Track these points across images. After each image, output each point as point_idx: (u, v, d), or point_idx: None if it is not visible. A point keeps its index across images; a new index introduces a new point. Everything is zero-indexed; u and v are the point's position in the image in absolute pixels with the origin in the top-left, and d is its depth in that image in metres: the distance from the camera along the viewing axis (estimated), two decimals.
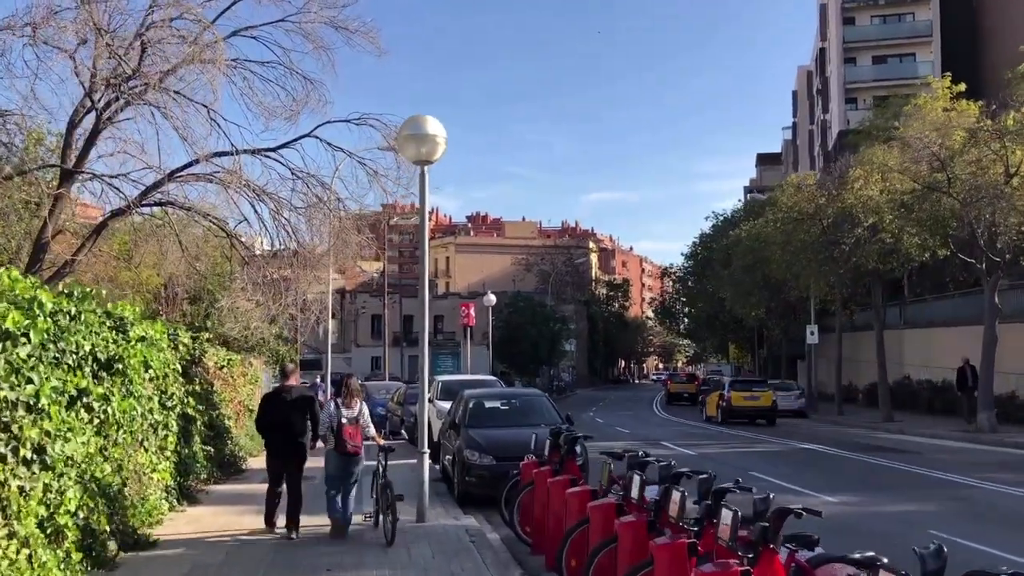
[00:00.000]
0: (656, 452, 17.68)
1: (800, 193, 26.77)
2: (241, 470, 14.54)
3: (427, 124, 9.40)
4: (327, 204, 17.73)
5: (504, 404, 12.97)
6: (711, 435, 24.36)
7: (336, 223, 18.09)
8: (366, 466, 9.28)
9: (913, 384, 33.18)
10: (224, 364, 15.25)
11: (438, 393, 17.77)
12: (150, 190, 16.63)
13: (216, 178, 16.75)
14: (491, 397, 13.34)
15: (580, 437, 8.64)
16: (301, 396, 9.20)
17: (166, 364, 10.14)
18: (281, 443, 9.03)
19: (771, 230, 28.50)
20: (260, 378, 20.22)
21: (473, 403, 12.73)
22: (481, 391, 13.93)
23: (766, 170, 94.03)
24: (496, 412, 12.73)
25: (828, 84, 65.83)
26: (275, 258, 19.96)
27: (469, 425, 12.11)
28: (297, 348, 30.80)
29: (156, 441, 9.92)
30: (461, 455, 11.47)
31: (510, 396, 13.57)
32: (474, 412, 12.48)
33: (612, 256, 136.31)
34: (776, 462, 16.64)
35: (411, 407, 20.76)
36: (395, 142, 9.71)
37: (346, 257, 22.36)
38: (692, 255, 52.94)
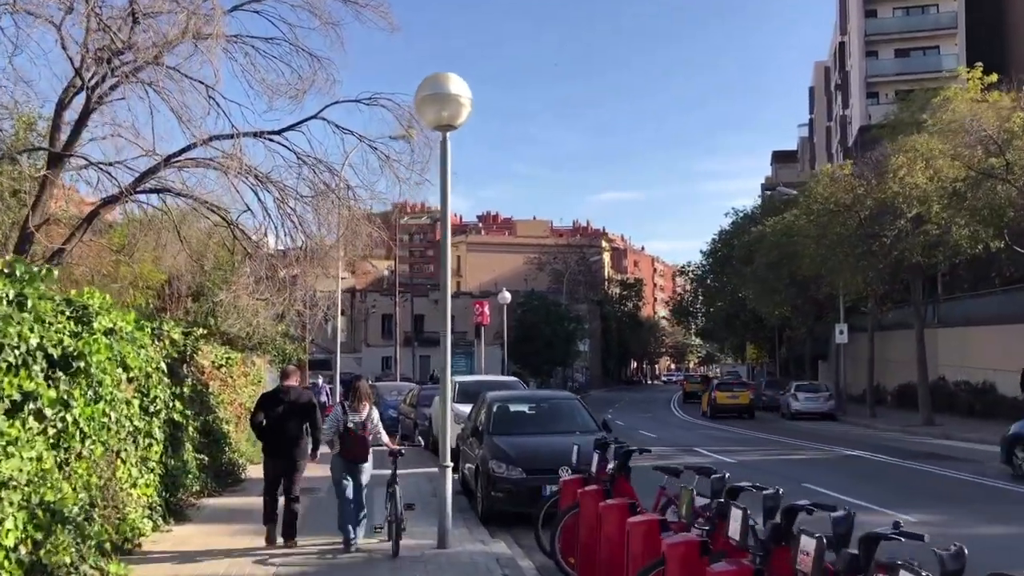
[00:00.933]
0: (692, 460, 16.30)
1: (836, 184, 25.21)
2: (240, 480, 13.21)
3: (449, 83, 8.03)
4: (336, 192, 16.43)
5: (532, 408, 11.57)
6: (744, 440, 22.90)
7: (346, 212, 16.76)
8: (377, 475, 8.68)
9: (950, 386, 31.58)
10: (222, 363, 13.93)
11: (455, 395, 16.35)
12: (145, 176, 15.40)
13: (216, 163, 15.51)
14: (517, 400, 11.94)
15: (634, 451, 7.26)
16: (300, 399, 8.69)
17: (149, 362, 8.80)
18: (275, 444, 8.60)
19: (804, 223, 26.92)
20: (264, 378, 18.91)
21: (497, 407, 11.34)
22: (505, 394, 12.54)
23: (782, 168, 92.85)
24: (523, 417, 11.34)
25: (848, 79, 64.40)
26: (284, 257, 18.80)
27: (494, 432, 10.73)
28: (305, 347, 29.49)
29: (137, 452, 8.59)
30: (485, 466, 10.10)
31: (538, 399, 12.16)
32: (499, 417, 11.09)
33: (624, 255, 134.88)
34: (826, 471, 15.20)
35: (424, 409, 19.42)
36: (413, 107, 8.31)
37: (356, 249, 21.08)
38: (711, 252, 51.40)
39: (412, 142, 16.14)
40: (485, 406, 11.47)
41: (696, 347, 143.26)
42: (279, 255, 18.30)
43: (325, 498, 11.55)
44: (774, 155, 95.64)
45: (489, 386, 16.43)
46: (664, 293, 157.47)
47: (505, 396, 12.00)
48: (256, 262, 16.93)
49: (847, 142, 63.24)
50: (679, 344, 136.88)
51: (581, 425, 11.02)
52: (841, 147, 65.66)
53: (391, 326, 63.23)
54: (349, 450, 8.19)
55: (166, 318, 21.29)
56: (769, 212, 43.42)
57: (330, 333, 25.54)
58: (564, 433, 10.78)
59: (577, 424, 11.05)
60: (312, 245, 16.89)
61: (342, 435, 8.20)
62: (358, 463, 8.26)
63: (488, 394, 11.93)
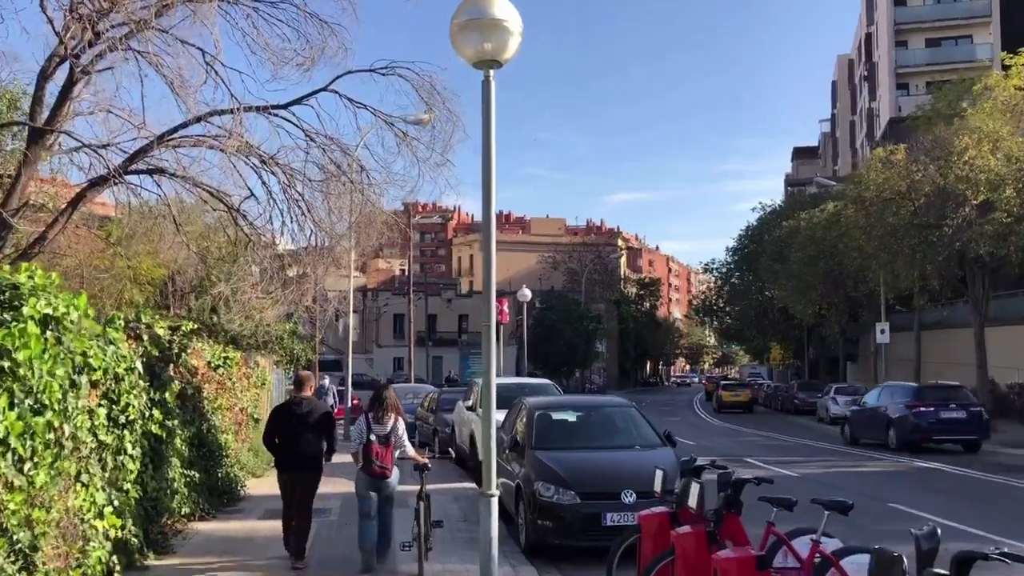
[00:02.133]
0: (748, 473, 14.52)
1: (890, 169, 23.27)
2: (238, 498, 11.51)
3: (493, 5, 6.29)
4: (347, 174, 14.73)
5: (581, 417, 9.78)
6: (793, 448, 20.99)
7: (359, 197, 15.05)
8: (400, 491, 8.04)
9: (1001, 388, 29.58)
10: (219, 363, 12.24)
11: (480, 400, 14.63)
12: (137, 156, 13.76)
13: (216, 142, 13.85)
14: (562, 408, 10.16)
15: (748, 481, 5.52)
16: (316, 411, 8.06)
17: (120, 362, 7.09)
18: (289, 464, 8.00)
19: (852, 213, 24.93)
20: (268, 380, 17.21)
21: (539, 415, 9.56)
22: (547, 400, 10.75)
23: (803, 164, 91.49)
24: (571, 428, 9.57)
25: (875, 70, 62.68)
26: (293, 255, 17.30)
27: (537, 446, 8.97)
28: (315, 347, 27.83)
29: (104, 473, 6.89)
30: (529, 488, 8.33)
31: (587, 407, 10.31)
32: (542, 428, 9.32)
33: (639, 255, 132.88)
34: (906, 487, 13.35)
35: (445, 415, 17.69)
36: (450, 37, 6.52)
37: (370, 239, 19.41)
38: (738, 249, 49.47)
39: (433, 117, 14.44)
40: (524, 415, 9.71)
41: (711, 348, 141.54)
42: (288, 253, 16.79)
43: (337, 520, 9.92)
44: (795, 151, 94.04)
45: (519, 390, 14.69)
46: (679, 293, 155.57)
47: (547, 403, 10.22)
48: (259, 251, 15.29)
49: (874, 135, 61.54)
50: (694, 345, 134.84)
51: (641, 438, 9.25)
52: (868, 140, 63.95)
53: (403, 326, 61.65)
54: (373, 466, 7.59)
55: (168, 315, 19.73)
56: (795, 208, 41.66)
57: (341, 332, 23.87)
58: (622, 448, 9.04)
59: (636, 437, 9.29)
60: (321, 234, 15.21)
61: (366, 448, 7.62)
62: (382, 479, 7.66)
63: (526, 400, 10.16)
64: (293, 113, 14.32)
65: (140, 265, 22.61)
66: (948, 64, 54.80)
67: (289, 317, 25.47)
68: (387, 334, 63.34)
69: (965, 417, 18.79)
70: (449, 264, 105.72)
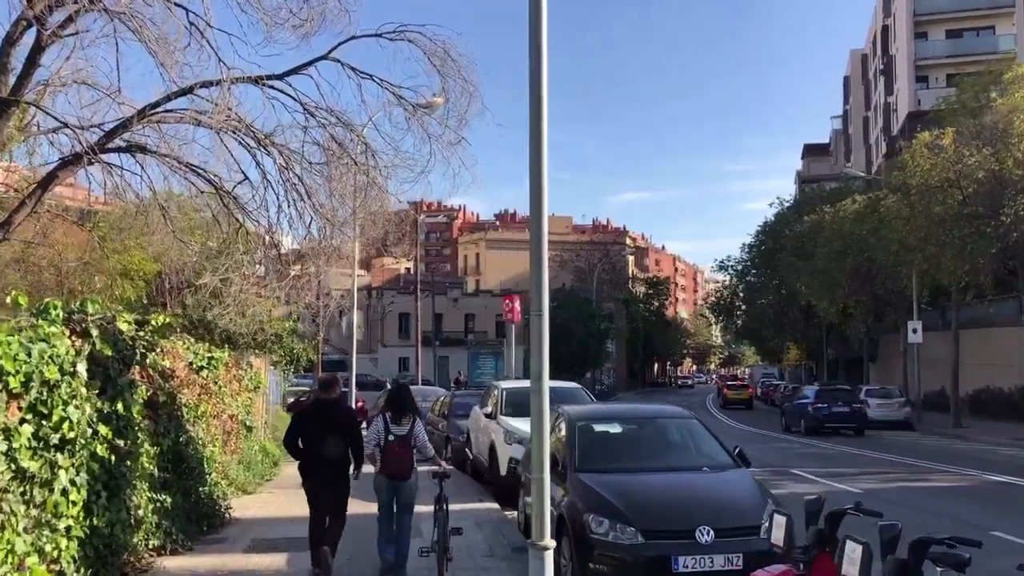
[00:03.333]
0: (801, 488, 12.85)
1: (938, 155, 21.48)
2: (223, 522, 9.85)
3: None
4: (351, 153, 13.08)
5: (631, 430, 8.08)
6: (839, 458, 19.15)
7: (363, 179, 13.39)
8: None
9: None
10: (203, 364, 10.60)
11: (501, 406, 12.92)
12: (115, 132, 12.17)
13: (204, 117, 12.23)
14: (605, 418, 8.45)
15: (847, 511, 3.94)
16: (343, 414, 7.75)
17: (51, 365, 5.42)
18: (313, 470, 7.54)
19: (893, 202, 23.15)
20: (263, 383, 15.54)
21: (581, 428, 7.86)
22: (587, 409, 9.02)
23: (814, 161, 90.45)
24: (621, 444, 7.87)
25: (892, 64, 61.21)
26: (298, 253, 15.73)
27: (583, 468, 7.28)
28: (317, 346, 26.18)
29: (26, 512, 5.23)
30: (577, 522, 6.64)
31: (638, 417, 8.51)
32: (587, 445, 7.61)
33: (645, 254, 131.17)
34: (997, 508, 11.63)
35: (459, 421, 15.99)
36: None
37: (376, 227, 17.75)
38: (755, 246, 47.76)
39: (447, 89, 12.77)
40: (563, 427, 8.01)
41: (718, 348, 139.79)
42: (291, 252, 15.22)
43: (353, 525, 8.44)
44: (805, 148, 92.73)
45: None
46: (685, 293, 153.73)
47: (590, 413, 8.50)
48: (253, 240, 13.69)
49: (891, 130, 60.11)
50: (701, 345, 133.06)
51: (707, 457, 7.56)
52: (884, 135, 62.54)
53: (408, 325, 59.99)
54: (391, 466, 7.32)
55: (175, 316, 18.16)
56: (814, 203, 40.07)
57: (345, 330, 22.18)
58: (686, 470, 7.35)
59: (702, 455, 7.59)
60: (322, 221, 13.57)
61: (383, 450, 7.35)
62: (401, 480, 7.38)
63: (564, 409, 8.45)
64: (289, 84, 12.68)
65: (131, 259, 21.07)
66: (970, 56, 53.55)
67: (290, 317, 23.93)
68: (392, 334, 61.73)
69: (849, 411, 26.51)
70: (455, 264, 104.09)
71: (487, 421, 12.94)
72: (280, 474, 14.34)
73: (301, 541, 8.79)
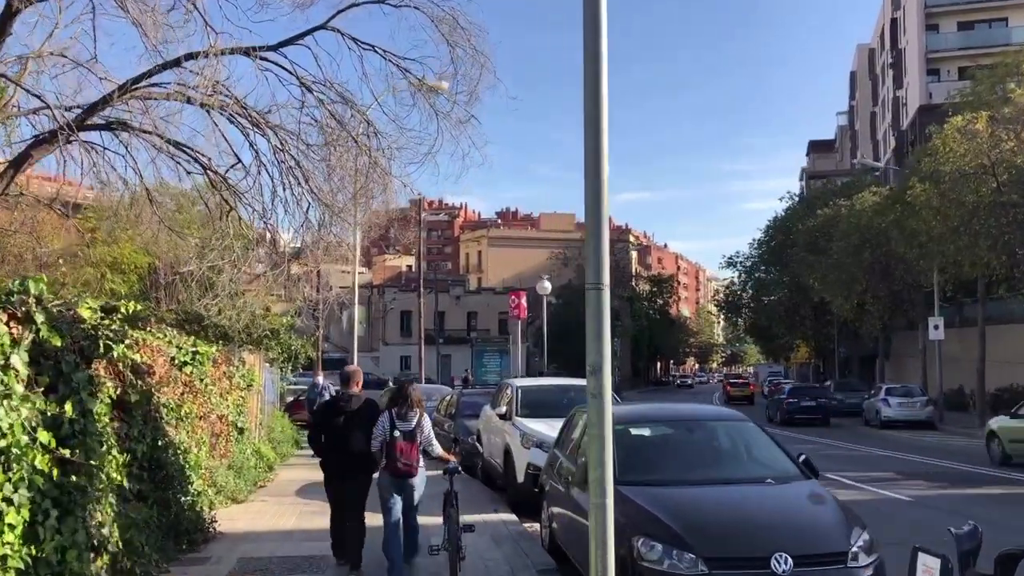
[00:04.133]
0: (845, 496, 11.75)
1: (971, 140, 20.32)
2: (208, 536, 8.74)
3: None
4: (351, 132, 12.01)
5: (677, 435, 6.95)
6: (871, 461, 17.97)
7: (365, 159, 12.30)
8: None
9: None
10: (187, 360, 9.49)
11: (516, 407, 11.78)
12: (95, 108, 11.16)
13: (192, 91, 11.20)
14: (644, 420, 7.33)
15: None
16: (365, 408, 7.50)
17: None
18: (338, 466, 7.45)
19: (922, 191, 22.00)
20: (257, 381, 14.41)
21: (618, 430, 6.70)
22: (623, 409, 7.87)
23: (819, 158, 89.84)
24: (667, 452, 6.73)
25: (902, 57, 60.30)
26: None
27: (624, 479, 6.16)
28: (316, 342, 25.02)
29: None
30: (623, 546, 5.53)
31: (683, 419, 7.32)
32: (627, 451, 6.47)
33: (647, 252, 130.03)
34: None
35: (467, 421, 14.88)
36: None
37: (380, 214, 16.67)
38: (764, 241, 46.65)
39: (455, 60, 11.68)
40: None
41: (720, 347, 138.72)
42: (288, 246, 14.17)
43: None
44: (811, 145, 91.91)
45: (563, 393, 11.93)
46: (688, 291, 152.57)
47: (626, 414, 7.35)
48: (245, 227, 12.65)
49: (900, 125, 59.20)
50: (703, 344, 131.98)
51: (769, 465, 6.44)
52: (893, 130, 61.64)
53: (410, 323, 58.91)
54: (396, 463, 7.02)
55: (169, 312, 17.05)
56: (823, 198, 39.04)
57: (346, 325, 21.07)
58: (746, 482, 6.23)
59: (762, 464, 6.48)
60: (321, 207, 12.50)
61: (389, 446, 7.06)
62: (407, 478, 7.11)
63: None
64: (284, 55, 11.61)
65: (121, 251, 20.00)
66: (982, 48, 52.74)
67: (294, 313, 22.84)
68: (394, 332, 60.70)
69: (815, 405, 31.61)
70: (456, 262, 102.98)
71: (501, 422, 11.83)
72: (274, 479, 13.25)
73: (293, 561, 7.73)
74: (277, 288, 20.96)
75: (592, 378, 4.01)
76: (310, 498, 11.38)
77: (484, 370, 33.08)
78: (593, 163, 4.12)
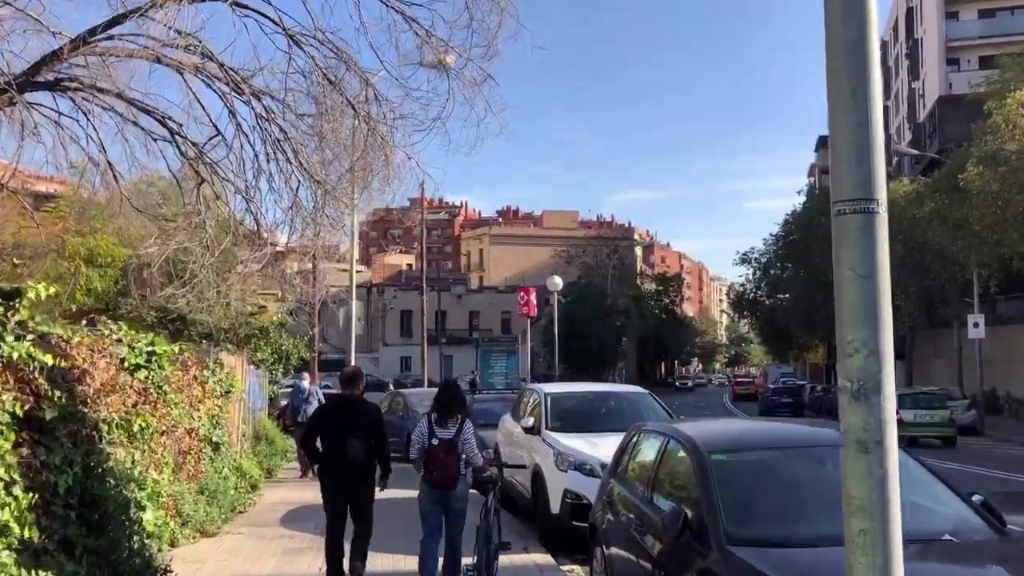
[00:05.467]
0: None
1: None
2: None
3: None
4: (346, 94, 10.10)
5: (804, 468, 4.94)
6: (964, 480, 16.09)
7: (364, 126, 10.39)
8: None
9: None
10: (140, 363, 7.56)
11: (547, 418, 9.76)
12: (43, 65, 9.38)
13: (157, 46, 9.37)
14: (747, 446, 5.38)
15: None
16: (366, 411, 7.00)
17: None
18: (336, 475, 6.82)
19: (978, 175, 20.02)
20: (238, 386, 12.40)
21: (716, 462, 4.77)
22: (706, 429, 5.88)
23: (827, 152, 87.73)
24: (795, 493, 4.70)
25: (919, 47, 58.74)
26: None
27: (738, 536, 4.21)
28: (310, 342, 23.06)
29: None
30: None
31: (804, 444, 5.30)
32: (735, 493, 4.53)
33: (651, 251, 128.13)
34: None
35: (482, 433, 12.86)
36: None
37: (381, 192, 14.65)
38: (782, 236, 44.72)
39: (470, 5, 9.76)
40: (691, 463, 4.91)
41: (723, 347, 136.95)
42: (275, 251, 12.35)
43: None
44: (820, 140, 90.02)
45: (602, 401, 9.97)
46: (691, 291, 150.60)
47: (722, 438, 5.37)
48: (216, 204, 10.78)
49: (916, 117, 57.59)
50: (707, 344, 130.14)
51: (941, 511, 4.51)
52: (909, 123, 60.03)
53: (411, 323, 57.03)
54: (435, 473, 6.47)
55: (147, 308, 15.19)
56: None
57: (342, 323, 19.11)
58: (923, 539, 4.26)
59: (933, 513, 4.54)
60: (313, 185, 10.61)
61: (427, 455, 6.51)
62: (448, 489, 6.51)
63: (679, 430, 5.38)
64: (268, 2, 9.68)
65: (99, 243, 18.09)
66: (1005, 36, 51.31)
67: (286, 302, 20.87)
68: (394, 332, 58.89)
69: (792, 401, 39.05)
70: (457, 262, 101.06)
71: (527, 437, 9.81)
72: (258, 502, 11.29)
73: None
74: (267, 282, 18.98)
75: (874, 358, 2.09)
76: (297, 528, 9.44)
77: (491, 372, 31.15)
78: None
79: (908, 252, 28.87)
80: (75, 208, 20.51)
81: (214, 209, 10.37)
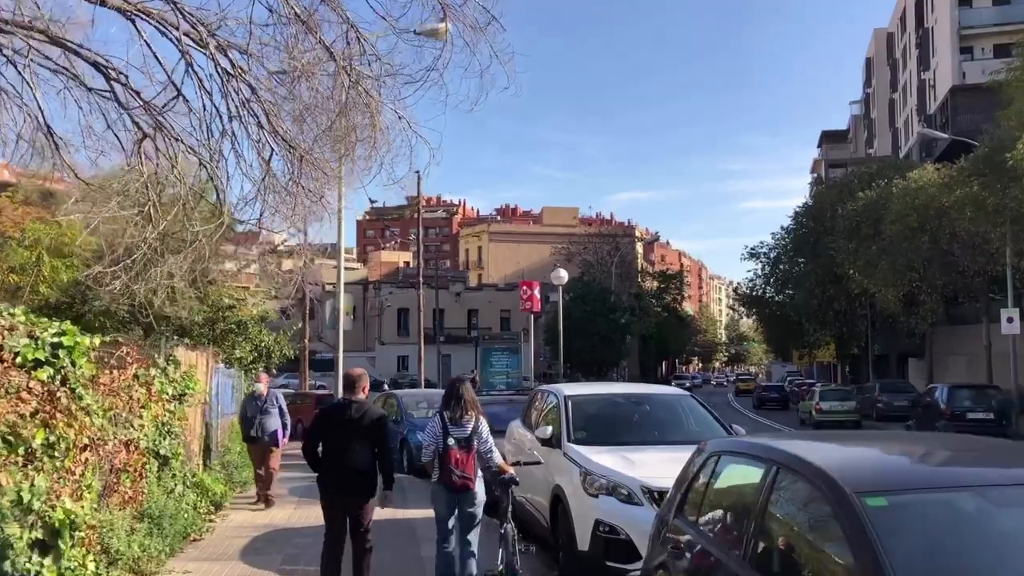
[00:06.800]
0: None
1: None
2: None
3: None
4: (323, 39, 8.27)
5: (994, 513, 3.22)
6: None
7: (344, 77, 8.49)
8: None
9: None
10: (41, 358, 5.75)
11: (569, 428, 7.79)
12: None
13: None
14: (919, 474, 3.57)
15: None
16: (368, 417, 6.55)
17: None
18: (335, 477, 6.46)
19: (1016, 161, 18.32)
20: (199, 388, 10.51)
21: (871, 508, 2.98)
22: (823, 449, 4.15)
23: (832, 148, 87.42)
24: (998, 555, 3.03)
25: (929, 36, 57.29)
26: None
27: None
28: (296, 338, 21.19)
29: None
30: None
31: (989, 480, 3.56)
32: (914, 554, 2.79)
33: (651, 249, 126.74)
34: None
35: None
36: None
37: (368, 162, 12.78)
38: (794, 229, 42.99)
39: None
40: (830, 509, 3.12)
41: (723, 346, 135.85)
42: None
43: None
44: (823, 135, 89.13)
45: (637, 404, 8.11)
46: (691, 289, 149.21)
47: (866, 463, 3.62)
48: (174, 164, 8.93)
49: (927, 108, 56.04)
50: (707, 343, 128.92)
51: None
52: (919, 115, 58.44)
53: (407, 322, 55.31)
54: (451, 476, 6.22)
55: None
56: (866, 179, 35.60)
57: (328, 317, 17.26)
58: None
59: None
60: (285, 150, 8.76)
61: (442, 456, 6.26)
62: (465, 491, 6.29)
63: (775, 448, 3.60)
64: None
65: (64, 231, 16.44)
66: (1020, 23, 49.72)
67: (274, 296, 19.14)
68: (390, 330, 57.15)
69: (778, 396, 45.76)
70: (455, 261, 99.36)
71: (544, 450, 7.89)
72: (218, 526, 9.43)
73: None
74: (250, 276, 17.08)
75: None
76: (261, 564, 7.62)
77: (491, 371, 29.42)
78: None
79: (934, 243, 27.18)
80: (33, 192, 18.62)
81: (161, 172, 8.54)
